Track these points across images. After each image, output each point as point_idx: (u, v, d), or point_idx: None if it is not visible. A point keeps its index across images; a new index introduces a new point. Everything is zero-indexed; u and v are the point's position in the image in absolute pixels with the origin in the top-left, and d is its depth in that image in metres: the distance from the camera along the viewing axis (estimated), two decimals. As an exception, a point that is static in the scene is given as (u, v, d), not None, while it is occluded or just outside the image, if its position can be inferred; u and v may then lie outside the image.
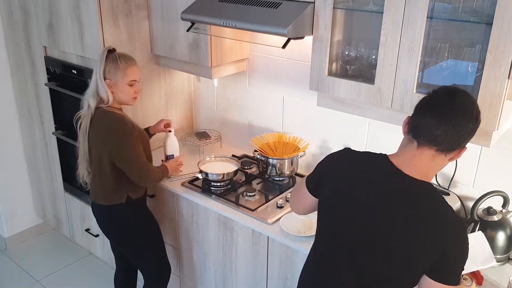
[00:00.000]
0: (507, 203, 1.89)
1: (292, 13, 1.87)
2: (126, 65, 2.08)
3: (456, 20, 1.64)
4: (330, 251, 1.44)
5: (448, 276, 1.30)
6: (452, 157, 1.31)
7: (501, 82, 1.49)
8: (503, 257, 1.85)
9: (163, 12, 2.48)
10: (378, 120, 1.87)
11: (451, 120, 1.25)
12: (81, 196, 3.06)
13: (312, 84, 1.96)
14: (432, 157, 1.29)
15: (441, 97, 1.30)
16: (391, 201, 1.32)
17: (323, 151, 2.51)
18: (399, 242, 1.30)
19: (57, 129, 3.02)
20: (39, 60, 2.91)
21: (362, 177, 1.38)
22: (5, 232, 3.40)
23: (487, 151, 1.96)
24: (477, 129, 1.30)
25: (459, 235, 1.30)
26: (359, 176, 1.39)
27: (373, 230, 1.33)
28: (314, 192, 1.53)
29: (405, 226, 1.29)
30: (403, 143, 1.37)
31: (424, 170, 1.32)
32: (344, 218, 1.39)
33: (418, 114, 1.32)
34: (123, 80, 2.09)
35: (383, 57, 1.72)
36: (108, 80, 2.07)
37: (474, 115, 1.27)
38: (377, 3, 1.74)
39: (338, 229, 1.41)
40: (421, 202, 1.31)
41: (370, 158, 1.42)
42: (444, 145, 1.27)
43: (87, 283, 3.10)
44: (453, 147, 1.28)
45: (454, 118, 1.25)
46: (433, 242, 1.27)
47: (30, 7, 2.76)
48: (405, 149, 1.35)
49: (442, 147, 1.27)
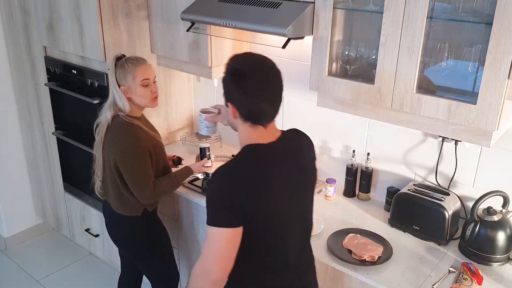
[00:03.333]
0: (507, 203, 1.89)
1: (292, 13, 1.87)
2: (133, 66, 2.04)
3: (456, 20, 1.64)
4: (285, 242, 1.50)
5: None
6: None
7: (501, 82, 1.49)
8: (503, 257, 1.85)
9: (163, 12, 2.48)
10: (378, 120, 1.87)
11: (274, 94, 1.44)
12: (81, 196, 3.06)
13: (312, 84, 1.96)
14: (273, 122, 1.49)
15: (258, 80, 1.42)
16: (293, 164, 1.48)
17: (323, 151, 2.51)
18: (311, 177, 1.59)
19: (57, 129, 3.02)
20: (39, 60, 2.91)
21: (270, 172, 1.42)
22: (5, 232, 3.40)
23: (487, 151, 1.97)
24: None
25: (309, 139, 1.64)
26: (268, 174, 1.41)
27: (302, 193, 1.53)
28: (241, 222, 1.36)
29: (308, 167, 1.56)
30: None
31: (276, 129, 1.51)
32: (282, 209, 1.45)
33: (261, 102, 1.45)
34: (134, 82, 2.04)
35: (383, 57, 1.72)
36: (122, 86, 2.05)
37: (278, 73, 1.42)
38: (377, 3, 1.74)
39: (283, 224, 1.47)
40: (300, 145, 1.57)
41: (256, 156, 1.42)
42: (275, 114, 1.46)
43: (87, 283, 3.10)
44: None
45: (274, 91, 1.43)
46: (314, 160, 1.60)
47: (30, 7, 2.77)
48: (261, 130, 1.45)
49: (275, 116, 1.47)
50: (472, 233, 1.87)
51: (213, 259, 1.35)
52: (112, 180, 2.12)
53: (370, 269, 1.81)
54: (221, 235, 1.33)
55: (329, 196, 2.34)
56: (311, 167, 1.58)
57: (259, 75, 1.36)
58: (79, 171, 3.01)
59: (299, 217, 1.53)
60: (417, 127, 1.76)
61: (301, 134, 1.60)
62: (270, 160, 1.42)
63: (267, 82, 1.37)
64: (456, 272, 1.80)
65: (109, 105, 2.09)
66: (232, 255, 1.36)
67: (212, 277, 1.35)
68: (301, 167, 1.52)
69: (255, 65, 1.38)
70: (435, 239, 1.97)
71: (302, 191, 1.53)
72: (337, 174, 2.45)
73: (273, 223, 1.43)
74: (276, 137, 1.46)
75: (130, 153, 2.00)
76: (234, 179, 1.35)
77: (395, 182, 2.27)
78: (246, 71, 1.35)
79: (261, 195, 1.37)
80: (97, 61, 2.53)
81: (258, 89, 1.35)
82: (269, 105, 1.39)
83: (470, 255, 1.88)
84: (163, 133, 2.91)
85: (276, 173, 1.41)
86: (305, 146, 1.58)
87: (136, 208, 2.16)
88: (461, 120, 1.61)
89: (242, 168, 1.38)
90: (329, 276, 1.92)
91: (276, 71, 1.41)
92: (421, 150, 2.16)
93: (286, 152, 1.47)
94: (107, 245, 3.04)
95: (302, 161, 1.53)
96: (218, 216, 1.34)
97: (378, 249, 1.89)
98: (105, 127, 2.09)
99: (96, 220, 3.02)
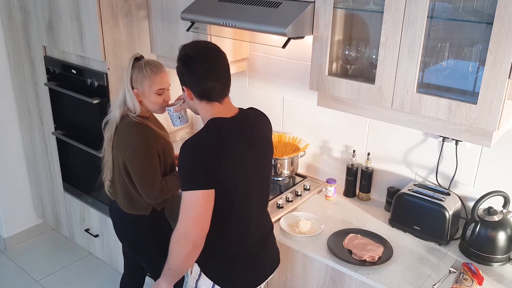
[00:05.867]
0: (508, 203, 1.88)
1: (292, 12, 1.87)
2: (152, 74, 2.00)
3: (457, 20, 1.64)
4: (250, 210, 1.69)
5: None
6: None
7: (502, 82, 1.49)
8: (504, 257, 1.84)
9: (163, 12, 2.48)
10: (378, 120, 1.87)
11: (221, 73, 1.60)
12: (81, 196, 3.05)
13: (312, 84, 1.96)
14: (228, 98, 1.66)
15: (208, 63, 1.60)
16: (258, 136, 1.69)
17: (323, 151, 2.50)
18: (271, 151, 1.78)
19: (56, 129, 3.01)
20: (39, 60, 2.91)
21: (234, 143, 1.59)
22: (5, 232, 3.40)
23: (488, 151, 1.96)
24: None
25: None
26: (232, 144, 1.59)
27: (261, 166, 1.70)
28: (212, 185, 1.53)
29: (267, 138, 1.76)
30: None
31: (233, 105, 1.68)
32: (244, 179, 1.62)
33: (210, 81, 1.60)
34: (150, 89, 2.01)
35: (383, 56, 1.72)
36: (136, 89, 2.02)
37: (223, 56, 1.59)
38: (378, 2, 1.74)
39: (246, 191, 1.64)
40: (259, 119, 1.73)
41: (220, 127, 1.59)
42: (227, 91, 1.62)
43: (87, 283, 3.09)
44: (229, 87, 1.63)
45: (222, 71, 1.60)
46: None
47: (30, 7, 2.76)
48: (218, 107, 1.62)
49: (228, 92, 1.63)
50: (473, 233, 1.86)
51: (192, 221, 1.52)
52: (120, 180, 2.12)
53: (370, 269, 1.81)
54: (197, 198, 1.49)
55: (329, 196, 2.34)
56: (269, 140, 1.77)
57: (204, 57, 1.55)
58: (79, 171, 3.01)
59: (258, 185, 1.70)
60: (417, 127, 1.76)
61: (258, 111, 1.77)
62: (232, 130, 1.59)
63: (211, 62, 1.56)
64: (456, 272, 1.79)
65: (120, 104, 2.05)
66: (208, 217, 1.52)
67: (192, 239, 1.52)
68: (259, 139, 1.70)
69: (200, 49, 1.59)
70: (436, 239, 1.97)
71: (261, 161, 1.71)
72: (337, 174, 2.45)
73: (237, 188, 1.59)
74: (235, 112, 1.65)
75: (138, 154, 1.99)
76: (202, 146, 1.52)
77: (395, 182, 2.26)
78: (192, 55, 1.56)
79: (226, 161, 1.53)
80: (97, 61, 2.53)
81: (205, 68, 1.54)
82: (218, 82, 1.56)
83: (471, 255, 1.87)
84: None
85: (237, 142, 1.59)
86: (263, 121, 1.76)
87: (145, 208, 2.15)
88: (461, 120, 1.60)
89: (208, 137, 1.55)
90: (329, 276, 1.91)
91: (220, 53, 1.60)
92: (421, 150, 2.16)
93: (246, 124, 1.66)
94: (107, 245, 3.03)
95: (260, 133, 1.71)
96: (192, 180, 1.50)
97: (379, 249, 1.89)
98: (114, 127, 2.06)
99: (96, 220, 3.02)
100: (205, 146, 1.53)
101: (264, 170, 1.75)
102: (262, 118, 1.76)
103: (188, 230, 1.53)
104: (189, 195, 1.50)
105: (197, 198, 1.50)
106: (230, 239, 1.67)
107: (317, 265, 1.95)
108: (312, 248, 1.94)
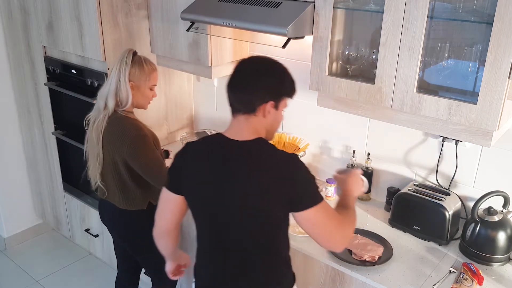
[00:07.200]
0: (508, 203, 1.88)
1: (292, 12, 1.87)
2: (151, 70, 2.09)
3: (457, 20, 1.64)
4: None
5: (310, 198, 1.42)
6: (264, 113, 1.45)
7: (502, 82, 1.48)
8: (504, 257, 1.84)
9: (163, 12, 2.48)
10: (378, 120, 1.87)
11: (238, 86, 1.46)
12: (81, 196, 3.05)
13: (312, 84, 1.96)
14: (245, 119, 1.47)
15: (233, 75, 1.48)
16: (238, 169, 1.45)
17: (323, 151, 2.50)
18: (256, 198, 1.42)
19: (56, 129, 3.01)
20: (39, 60, 2.91)
21: (207, 164, 1.49)
22: (5, 232, 3.40)
23: (488, 151, 1.96)
24: (277, 84, 1.46)
25: (295, 163, 1.42)
26: (205, 165, 1.50)
27: (234, 201, 1.45)
28: (175, 190, 1.58)
29: (254, 182, 1.42)
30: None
31: (249, 132, 1.47)
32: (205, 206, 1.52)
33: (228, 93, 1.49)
34: (146, 84, 2.09)
35: (383, 56, 1.72)
36: (132, 82, 2.05)
37: (262, 73, 1.45)
38: (378, 2, 1.74)
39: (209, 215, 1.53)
40: (253, 156, 1.45)
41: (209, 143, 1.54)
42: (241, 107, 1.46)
43: (87, 283, 3.10)
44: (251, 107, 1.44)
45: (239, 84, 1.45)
46: (277, 182, 1.39)
47: (30, 7, 2.76)
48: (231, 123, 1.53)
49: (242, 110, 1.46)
50: (473, 233, 1.86)
51: (156, 214, 1.67)
52: (114, 176, 2.12)
53: (370, 269, 1.81)
54: (162, 194, 1.61)
55: (329, 196, 2.34)
56: (260, 188, 1.41)
57: (236, 68, 1.48)
58: (79, 171, 2.99)
59: (225, 217, 1.48)
60: (417, 127, 1.76)
61: (277, 158, 1.43)
62: (204, 151, 1.52)
63: (239, 75, 1.47)
64: (456, 272, 1.79)
65: (112, 94, 2.05)
66: (163, 215, 1.65)
67: (154, 230, 1.71)
68: (240, 180, 1.44)
69: (245, 61, 1.51)
70: (436, 239, 1.97)
71: (237, 200, 1.45)
72: (337, 174, 2.45)
73: (195, 205, 1.57)
74: (241, 138, 1.46)
75: (138, 144, 2.02)
76: (181, 152, 1.56)
77: (395, 182, 2.26)
78: (235, 68, 1.50)
79: (190, 175, 1.52)
80: (97, 61, 2.53)
81: (232, 80, 1.47)
82: (232, 95, 1.47)
83: (471, 255, 1.87)
84: (163, 133, 2.91)
85: (202, 167, 1.50)
86: (264, 167, 1.42)
87: (142, 202, 2.16)
88: (461, 120, 1.60)
89: (191, 146, 1.55)
90: (329, 276, 1.91)
91: (258, 69, 1.47)
92: (421, 150, 2.16)
93: (231, 156, 1.46)
94: (107, 245, 3.03)
95: (246, 177, 1.43)
96: (167, 177, 1.59)
97: (379, 249, 1.89)
98: (106, 118, 2.05)
99: (96, 220, 3.02)
100: (181, 151, 1.56)
101: (243, 212, 1.46)
102: (266, 165, 1.43)
103: (155, 220, 1.72)
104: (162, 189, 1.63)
105: (162, 194, 1.62)
106: (197, 256, 1.67)
107: (317, 265, 1.95)
108: (312, 248, 1.94)
